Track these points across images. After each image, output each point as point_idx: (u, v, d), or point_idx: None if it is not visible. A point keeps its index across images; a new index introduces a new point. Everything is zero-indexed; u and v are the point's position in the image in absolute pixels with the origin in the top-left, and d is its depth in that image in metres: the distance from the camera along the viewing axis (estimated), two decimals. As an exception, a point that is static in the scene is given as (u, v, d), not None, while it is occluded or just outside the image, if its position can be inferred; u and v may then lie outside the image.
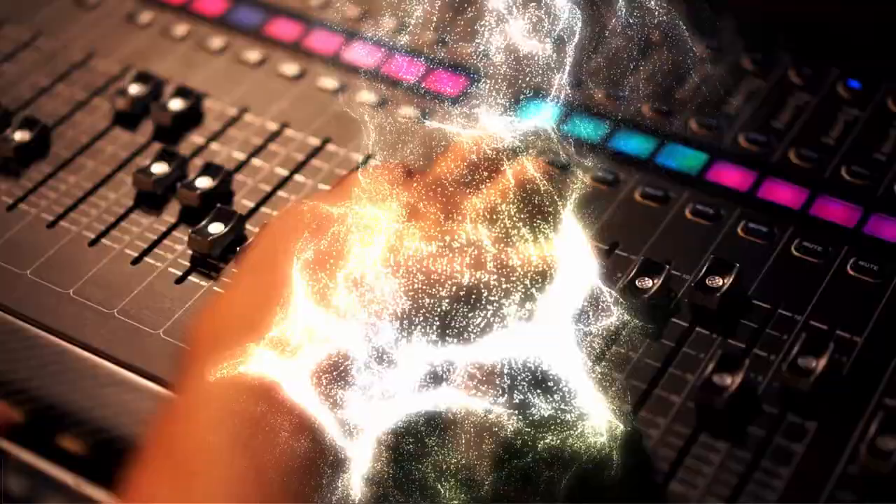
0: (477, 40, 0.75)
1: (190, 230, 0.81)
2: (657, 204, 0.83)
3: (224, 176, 0.85)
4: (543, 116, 0.74)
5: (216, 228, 0.81)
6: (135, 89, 0.92)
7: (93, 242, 0.83)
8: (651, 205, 0.83)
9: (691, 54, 0.81)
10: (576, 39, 0.75)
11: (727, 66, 0.92)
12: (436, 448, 0.64)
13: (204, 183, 0.84)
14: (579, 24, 0.75)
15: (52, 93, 0.94)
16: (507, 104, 0.74)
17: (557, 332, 0.66)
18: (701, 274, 0.75)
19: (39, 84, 0.95)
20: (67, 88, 0.94)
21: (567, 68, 0.75)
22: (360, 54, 0.95)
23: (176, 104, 0.90)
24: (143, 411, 0.73)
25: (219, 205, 0.82)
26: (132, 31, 1.00)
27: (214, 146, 0.89)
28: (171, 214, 0.84)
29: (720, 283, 0.75)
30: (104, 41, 0.99)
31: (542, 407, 0.64)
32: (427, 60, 0.91)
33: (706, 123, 0.88)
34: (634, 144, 0.87)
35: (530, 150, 0.73)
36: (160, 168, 0.86)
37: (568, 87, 0.75)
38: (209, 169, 0.85)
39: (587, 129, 0.87)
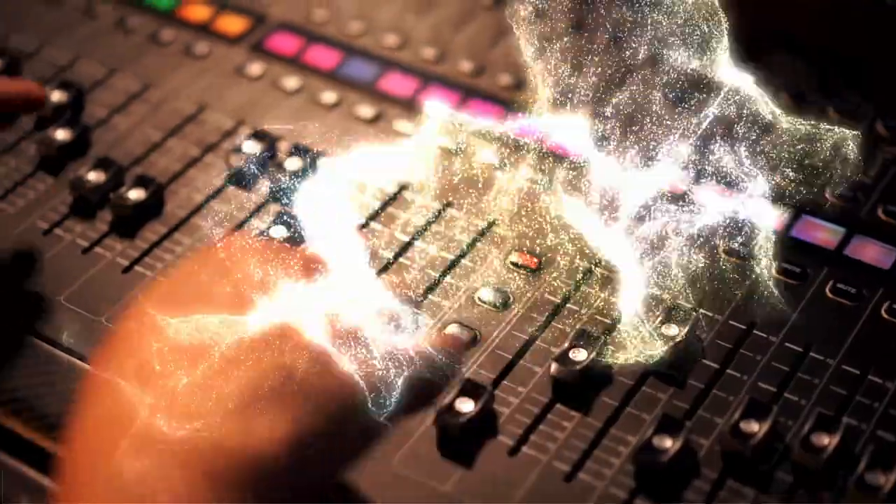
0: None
1: (312, 299, 0.79)
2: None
3: (344, 242, 0.83)
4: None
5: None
6: (250, 147, 0.90)
7: (211, 309, 0.81)
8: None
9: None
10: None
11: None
12: None
13: (324, 249, 0.82)
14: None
15: (164, 148, 0.92)
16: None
17: None
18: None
19: (151, 138, 0.93)
20: (180, 143, 0.93)
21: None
22: (476, 111, 0.93)
23: (293, 164, 0.88)
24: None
25: (340, 273, 0.80)
26: (242, 83, 0.98)
27: (332, 208, 0.87)
28: (290, 281, 0.82)
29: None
30: (214, 93, 0.97)
31: None
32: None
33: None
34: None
35: None
36: (279, 232, 0.84)
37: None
38: (329, 234, 0.83)
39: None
